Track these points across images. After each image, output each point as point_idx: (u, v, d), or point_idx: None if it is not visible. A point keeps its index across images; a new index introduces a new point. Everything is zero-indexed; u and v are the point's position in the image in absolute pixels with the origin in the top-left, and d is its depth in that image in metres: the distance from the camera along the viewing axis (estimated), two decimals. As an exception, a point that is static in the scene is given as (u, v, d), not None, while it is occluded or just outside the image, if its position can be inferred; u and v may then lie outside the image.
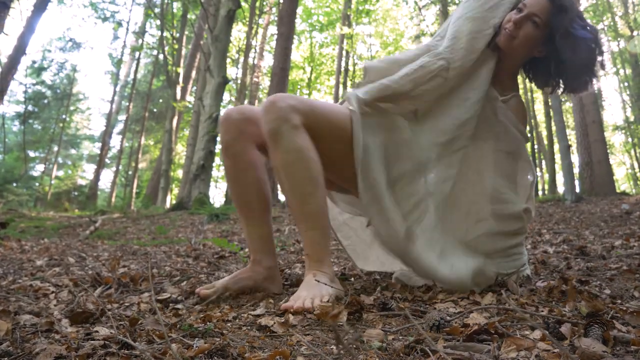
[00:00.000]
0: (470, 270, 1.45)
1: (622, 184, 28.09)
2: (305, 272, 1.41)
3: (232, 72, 19.84)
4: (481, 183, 1.60)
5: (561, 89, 1.70)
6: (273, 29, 20.07)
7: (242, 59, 19.16)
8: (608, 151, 11.18)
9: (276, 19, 17.89)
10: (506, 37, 1.59)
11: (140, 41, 21.17)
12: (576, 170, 10.81)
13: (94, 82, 59.16)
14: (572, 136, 16.69)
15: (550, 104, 8.33)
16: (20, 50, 8.81)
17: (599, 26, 21.86)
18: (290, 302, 1.23)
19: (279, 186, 1.48)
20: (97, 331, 1.03)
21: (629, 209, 5.48)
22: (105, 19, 19.74)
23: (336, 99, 18.49)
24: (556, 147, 14.19)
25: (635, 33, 18.25)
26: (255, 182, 1.57)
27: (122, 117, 26.13)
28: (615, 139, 25.49)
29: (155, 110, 24.47)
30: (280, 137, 1.36)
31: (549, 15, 1.56)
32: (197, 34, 15.43)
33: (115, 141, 26.21)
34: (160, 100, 23.84)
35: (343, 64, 20.00)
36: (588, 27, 1.58)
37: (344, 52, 20.02)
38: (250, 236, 1.60)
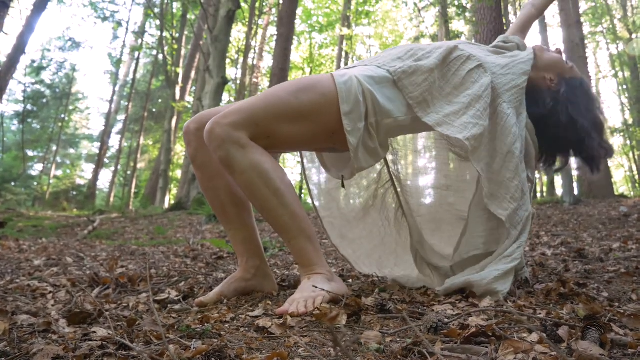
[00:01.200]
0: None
1: (621, 186, 28.12)
2: (301, 277, 1.42)
3: (232, 72, 19.85)
4: None
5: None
6: (273, 30, 20.09)
7: (241, 60, 19.18)
8: (606, 154, 11.16)
9: (276, 19, 17.91)
10: (541, 45, 1.83)
11: (139, 41, 21.16)
12: (575, 173, 10.82)
13: (93, 81, 59.12)
14: (570, 138, 16.66)
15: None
16: (19, 49, 8.81)
17: (598, 29, 21.94)
18: (285, 306, 1.23)
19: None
20: (94, 332, 1.03)
21: (627, 211, 5.49)
22: (104, 19, 19.72)
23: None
24: (555, 149, 14.17)
25: (634, 36, 18.29)
26: (225, 188, 1.56)
27: (121, 116, 26.12)
28: (614, 142, 25.50)
29: (154, 110, 24.45)
30: (231, 162, 1.34)
31: (579, 78, 1.82)
32: (197, 34, 15.44)
33: (114, 141, 26.21)
34: (160, 100, 23.83)
35: (342, 65, 20.00)
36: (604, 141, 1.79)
37: (343, 53, 20.03)
38: (233, 240, 1.61)
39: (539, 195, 17.94)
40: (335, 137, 1.48)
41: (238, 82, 18.84)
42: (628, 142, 22.70)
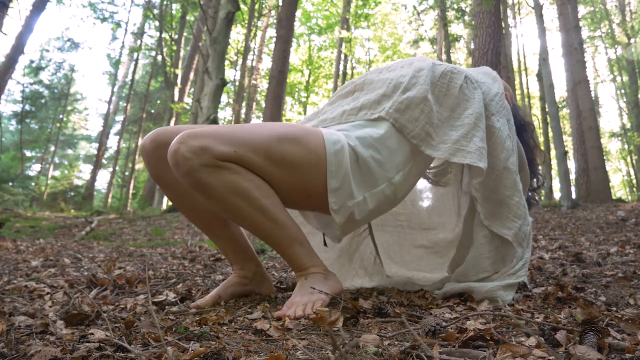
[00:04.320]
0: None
1: (618, 190, 28.19)
2: (296, 277, 1.38)
3: (231, 74, 19.86)
4: None
5: None
6: (272, 32, 20.11)
7: (240, 61, 19.18)
8: (604, 158, 11.23)
9: (275, 21, 17.92)
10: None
11: (138, 42, 21.15)
12: (572, 177, 10.85)
13: (91, 82, 59.01)
14: (568, 142, 16.78)
15: (547, 110, 8.36)
16: (18, 49, 8.80)
17: (597, 33, 22.03)
18: (284, 309, 1.22)
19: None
20: (92, 333, 1.02)
21: (625, 216, 5.50)
22: (104, 20, 19.69)
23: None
24: (553, 153, 14.25)
25: (632, 40, 18.35)
26: (203, 204, 1.45)
27: (119, 117, 26.11)
28: (612, 146, 25.62)
29: (152, 111, 24.41)
30: (205, 188, 1.20)
31: None
32: (196, 36, 15.44)
33: (113, 142, 26.20)
34: (158, 102, 23.80)
35: (341, 67, 20.03)
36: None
37: (342, 56, 20.05)
38: (224, 251, 1.55)
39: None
40: (312, 200, 1.36)
41: (237, 83, 18.84)
42: (626, 146, 22.77)
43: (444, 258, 1.84)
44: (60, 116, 23.93)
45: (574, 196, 8.65)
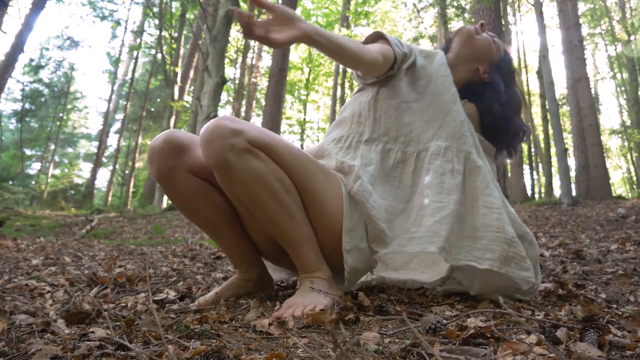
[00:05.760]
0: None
1: (618, 187, 28.20)
2: (300, 278, 1.36)
3: (230, 72, 19.86)
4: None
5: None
6: (272, 30, 20.05)
7: (240, 59, 19.17)
8: (604, 155, 11.22)
9: (275, 19, 17.85)
10: (469, 29, 1.64)
11: (138, 40, 21.13)
12: (573, 174, 10.85)
13: (91, 80, 59.18)
14: (569, 140, 16.78)
15: (547, 107, 8.35)
16: (18, 48, 8.79)
17: (597, 30, 22.02)
18: (282, 309, 1.21)
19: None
20: (93, 332, 1.02)
21: (625, 213, 5.50)
22: (103, 18, 19.66)
23: (334, 100, 18.48)
24: (553, 150, 14.25)
25: (632, 37, 18.33)
26: (212, 207, 1.41)
27: (119, 116, 26.10)
28: (612, 143, 25.62)
29: (152, 109, 24.42)
30: (231, 169, 1.19)
31: (503, 53, 1.66)
32: (196, 34, 15.42)
33: (113, 140, 26.20)
34: (158, 100, 23.80)
35: (341, 65, 19.99)
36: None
37: (342, 54, 19.99)
38: (228, 252, 1.51)
39: (537, 196, 17.98)
40: (319, 233, 1.34)
41: (237, 81, 18.84)
42: (626, 143, 22.78)
43: (438, 270, 1.79)
44: (60, 114, 23.94)
45: (574, 193, 8.65)
